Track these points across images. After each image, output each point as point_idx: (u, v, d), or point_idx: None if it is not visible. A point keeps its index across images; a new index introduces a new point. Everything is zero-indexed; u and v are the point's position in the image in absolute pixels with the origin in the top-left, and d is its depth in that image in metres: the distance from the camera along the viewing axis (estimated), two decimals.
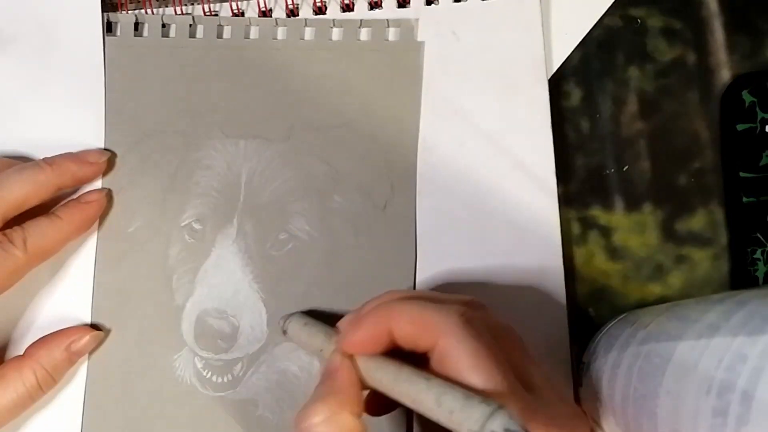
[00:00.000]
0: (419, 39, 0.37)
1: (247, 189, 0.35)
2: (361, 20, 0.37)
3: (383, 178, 0.36)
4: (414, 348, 0.27)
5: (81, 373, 0.34)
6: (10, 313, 0.34)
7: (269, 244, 0.35)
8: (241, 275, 0.35)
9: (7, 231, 0.32)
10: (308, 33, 0.37)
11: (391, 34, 0.37)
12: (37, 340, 0.33)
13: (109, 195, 0.35)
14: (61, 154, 0.35)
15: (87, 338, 0.34)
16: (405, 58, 0.37)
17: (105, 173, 0.36)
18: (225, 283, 0.35)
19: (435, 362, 0.26)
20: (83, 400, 0.34)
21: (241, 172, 0.36)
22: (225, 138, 0.36)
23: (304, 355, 0.35)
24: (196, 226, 0.35)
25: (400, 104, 0.36)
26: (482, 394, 0.23)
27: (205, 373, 0.34)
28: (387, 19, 0.37)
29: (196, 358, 0.35)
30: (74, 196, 0.35)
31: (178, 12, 0.37)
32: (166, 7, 0.37)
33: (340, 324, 0.30)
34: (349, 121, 0.36)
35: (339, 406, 0.26)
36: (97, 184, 0.36)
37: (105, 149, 0.36)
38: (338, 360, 0.27)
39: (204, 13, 0.37)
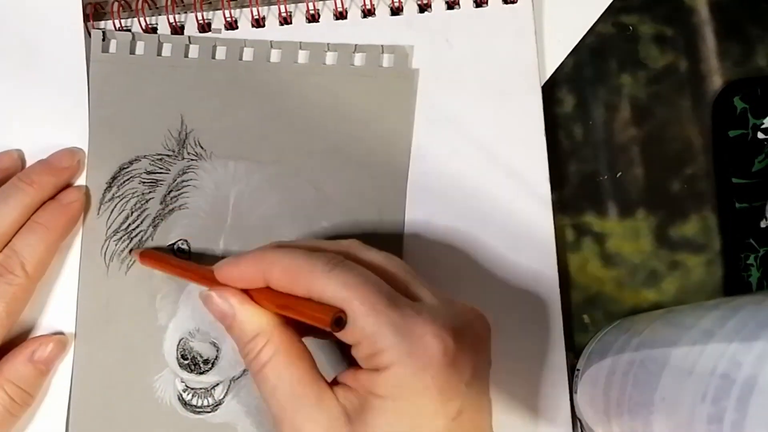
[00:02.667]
0: (414, 66, 0.37)
1: (234, 211, 0.35)
2: (355, 45, 0.37)
3: (371, 205, 0.36)
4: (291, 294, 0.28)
5: (64, 392, 0.34)
6: None
7: None
8: None
9: (2, 260, 0.32)
10: (302, 56, 0.37)
11: (386, 60, 0.37)
12: (4, 357, 0.33)
13: (87, 193, 0.35)
14: (35, 168, 0.34)
15: (51, 346, 0.33)
16: (398, 85, 0.36)
17: (91, 180, 0.35)
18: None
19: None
20: (66, 419, 0.34)
21: (229, 194, 0.35)
22: (215, 158, 0.36)
23: None
24: (183, 246, 0.35)
25: (392, 131, 0.36)
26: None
27: (185, 395, 0.34)
28: (382, 45, 0.37)
29: (176, 380, 0.34)
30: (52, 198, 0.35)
31: (171, 21, 0.37)
32: (159, 15, 0.37)
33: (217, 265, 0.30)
34: (339, 146, 0.36)
35: (269, 330, 0.28)
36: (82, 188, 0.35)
37: (75, 148, 0.35)
38: (236, 297, 0.28)
39: (197, 20, 0.37)
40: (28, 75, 0.36)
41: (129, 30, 0.37)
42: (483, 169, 0.36)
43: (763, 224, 0.36)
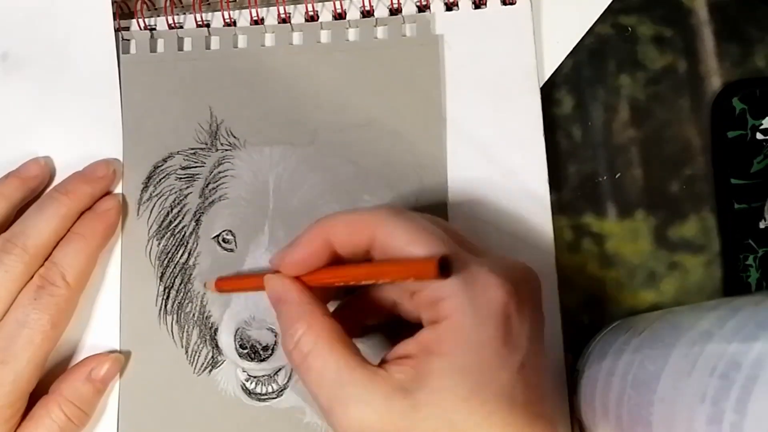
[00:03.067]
0: (437, 32, 0.37)
1: (275, 195, 0.35)
2: (376, 19, 0.37)
3: (411, 172, 0.35)
4: (354, 253, 0.28)
5: (113, 400, 0.34)
6: None
7: None
8: None
9: (43, 272, 0.32)
10: (324, 36, 0.37)
11: (408, 29, 0.37)
12: (61, 375, 0.33)
13: (123, 199, 0.35)
14: (71, 179, 0.35)
15: (107, 365, 0.33)
16: (423, 51, 0.36)
17: (126, 182, 0.36)
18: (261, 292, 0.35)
19: (378, 254, 0.27)
20: (117, 425, 0.34)
21: (268, 180, 0.35)
22: (249, 146, 0.36)
23: None
24: (227, 236, 0.35)
25: (422, 97, 0.36)
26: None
27: (248, 384, 0.34)
28: (402, 15, 0.37)
29: (238, 370, 0.34)
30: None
31: (169, 22, 0.37)
32: (158, 16, 0.37)
33: (273, 256, 0.30)
34: (372, 119, 0.36)
35: (307, 318, 0.27)
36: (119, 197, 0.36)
37: (111, 159, 0.36)
38: (280, 284, 0.28)
39: (196, 23, 0.37)
40: (60, 80, 0.36)
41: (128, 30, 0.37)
42: (481, 170, 0.36)
43: (761, 225, 0.36)
